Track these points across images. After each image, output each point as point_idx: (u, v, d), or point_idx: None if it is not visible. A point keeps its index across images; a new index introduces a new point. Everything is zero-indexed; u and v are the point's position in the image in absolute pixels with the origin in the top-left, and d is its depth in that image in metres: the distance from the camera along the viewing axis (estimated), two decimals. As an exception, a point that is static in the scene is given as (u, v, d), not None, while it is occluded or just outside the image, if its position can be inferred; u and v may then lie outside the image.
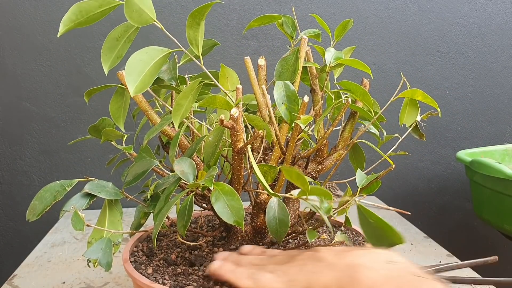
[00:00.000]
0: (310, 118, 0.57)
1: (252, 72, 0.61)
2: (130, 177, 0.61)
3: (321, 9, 1.39)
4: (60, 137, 1.36)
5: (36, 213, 0.57)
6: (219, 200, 0.51)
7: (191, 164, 0.55)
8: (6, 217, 1.37)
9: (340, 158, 0.68)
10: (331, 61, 0.64)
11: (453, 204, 1.55)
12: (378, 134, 0.71)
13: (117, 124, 0.67)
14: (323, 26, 0.70)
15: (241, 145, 0.55)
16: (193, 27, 0.58)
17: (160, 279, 0.59)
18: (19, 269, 0.96)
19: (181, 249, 0.68)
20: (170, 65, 0.65)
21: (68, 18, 0.53)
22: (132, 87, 0.53)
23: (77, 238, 1.13)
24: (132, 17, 0.54)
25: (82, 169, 1.38)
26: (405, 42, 1.45)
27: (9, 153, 1.35)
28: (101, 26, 1.31)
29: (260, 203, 0.62)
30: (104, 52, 0.56)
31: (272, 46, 1.39)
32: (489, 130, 1.55)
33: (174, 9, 1.34)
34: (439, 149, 1.52)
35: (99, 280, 0.89)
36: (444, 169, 1.54)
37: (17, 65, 1.31)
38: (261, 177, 0.54)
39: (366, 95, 0.63)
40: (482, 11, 1.47)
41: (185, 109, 0.57)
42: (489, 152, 1.29)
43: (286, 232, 0.56)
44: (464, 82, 1.50)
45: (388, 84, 1.45)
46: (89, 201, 0.59)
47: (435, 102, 0.64)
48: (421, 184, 1.54)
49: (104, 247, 0.56)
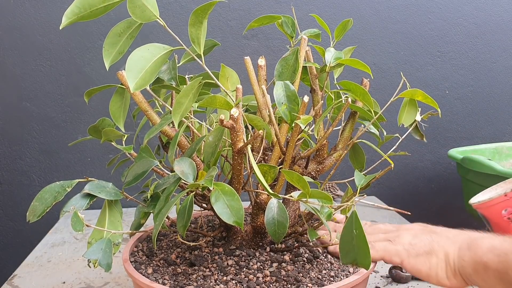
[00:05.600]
0: (310, 118, 0.57)
1: (252, 72, 0.61)
2: (130, 177, 0.61)
3: (321, 9, 1.39)
4: (60, 137, 1.36)
5: (37, 214, 0.57)
6: (219, 200, 0.51)
7: (191, 164, 0.55)
8: (6, 217, 1.37)
9: (340, 158, 0.68)
10: (331, 61, 0.64)
11: (453, 204, 1.55)
12: (378, 134, 0.71)
13: (117, 124, 0.67)
14: (323, 26, 0.70)
15: (241, 145, 0.55)
16: (196, 25, 0.58)
17: (160, 279, 0.59)
18: (19, 269, 0.96)
19: (181, 249, 0.68)
20: (170, 65, 0.65)
21: (71, 11, 0.52)
22: (132, 83, 0.53)
23: (77, 238, 1.13)
24: (135, 13, 0.54)
25: (82, 169, 1.38)
26: (405, 42, 1.45)
27: (9, 153, 1.35)
28: (101, 26, 1.31)
29: (260, 203, 0.62)
30: (105, 48, 0.56)
31: (272, 46, 1.39)
32: (489, 130, 1.55)
33: (174, 9, 1.34)
34: (439, 149, 1.52)
35: (99, 280, 0.89)
36: (444, 169, 1.54)
37: (17, 65, 1.31)
38: (261, 177, 0.54)
39: (366, 95, 0.63)
40: (482, 11, 1.47)
41: (185, 107, 0.57)
42: (479, 150, 1.32)
43: (284, 234, 0.56)
44: (464, 82, 1.50)
45: (388, 84, 1.45)
46: (89, 202, 0.59)
47: (435, 102, 0.64)
48: (421, 184, 1.54)
49: (104, 248, 0.56)
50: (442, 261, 0.58)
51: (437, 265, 0.58)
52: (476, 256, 0.55)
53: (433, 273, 0.58)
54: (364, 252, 0.50)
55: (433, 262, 0.59)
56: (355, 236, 0.51)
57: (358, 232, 0.50)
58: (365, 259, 0.51)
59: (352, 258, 0.52)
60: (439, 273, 0.58)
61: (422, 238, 0.61)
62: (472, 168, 1.13)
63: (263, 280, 0.58)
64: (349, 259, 0.52)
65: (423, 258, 0.59)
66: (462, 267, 0.57)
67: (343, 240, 0.52)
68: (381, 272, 0.89)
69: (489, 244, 0.55)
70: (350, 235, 0.51)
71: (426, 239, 0.61)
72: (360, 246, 0.51)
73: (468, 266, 0.56)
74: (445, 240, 0.60)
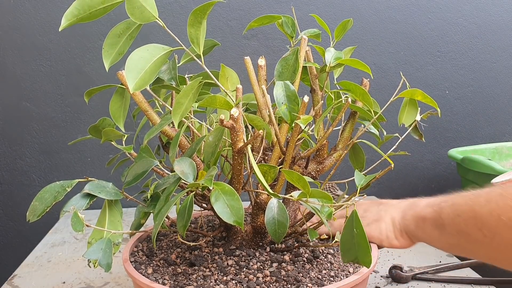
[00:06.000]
0: (310, 118, 0.57)
1: (252, 72, 0.61)
2: (130, 177, 0.61)
3: (321, 9, 1.39)
4: (60, 137, 1.36)
5: (37, 213, 0.57)
6: (219, 200, 0.51)
7: (191, 164, 0.55)
8: (6, 217, 1.37)
9: (340, 158, 0.68)
10: (331, 61, 0.64)
11: (453, 204, 1.55)
12: (378, 134, 0.71)
13: (117, 124, 0.67)
14: (323, 26, 0.70)
15: (241, 145, 0.55)
16: (195, 26, 0.58)
17: (160, 279, 0.59)
18: (19, 269, 0.96)
19: (181, 249, 0.68)
20: (170, 65, 0.65)
21: (70, 13, 0.53)
22: (132, 83, 0.53)
23: (77, 238, 1.13)
24: (134, 14, 0.54)
25: (82, 169, 1.38)
26: (405, 42, 1.45)
27: (9, 153, 1.35)
28: (101, 26, 1.31)
29: (260, 203, 0.62)
30: (105, 48, 0.56)
31: (272, 46, 1.39)
32: (489, 130, 1.55)
33: (174, 9, 1.34)
34: (439, 149, 1.52)
35: (99, 280, 0.89)
36: (444, 169, 1.54)
37: (17, 65, 1.31)
38: (261, 177, 0.54)
39: (366, 95, 0.63)
40: (482, 11, 1.47)
41: (185, 107, 0.57)
42: (479, 150, 1.32)
43: (285, 233, 0.56)
44: (464, 82, 1.50)
45: (388, 84, 1.45)
46: (89, 202, 0.59)
47: (435, 102, 0.64)
48: (421, 184, 1.54)
49: (104, 248, 0.56)
50: (389, 224, 0.66)
51: (386, 229, 0.65)
52: (415, 213, 0.63)
53: (384, 237, 0.65)
54: (365, 250, 0.52)
55: (382, 227, 0.66)
56: (356, 234, 0.51)
57: (359, 231, 0.51)
58: (366, 257, 0.52)
59: (353, 256, 0.53)
60: (389, 235, 0.65)
61: (371, 210, 0.69)
62: (472, 168, 1.13)
63: (263, 280, 0.58)
64: (350, 257, 0.53)
65: (374, 225, 0.67)
66: (406, 225, 0.64)
67: (344, 238, 0.53)
68: (381, 272, 0.89)
69: (425, 202, 0.63)
70: (351, 233, 0.52)
71: (374, 209, 0.69)
72: (360, 245, 0.52)
73: (410, 224, 0.63)
74: (390, 207, 0.68)
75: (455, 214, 0.55)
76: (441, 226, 0.57)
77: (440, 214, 0.58)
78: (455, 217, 0.55)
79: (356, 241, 0.52)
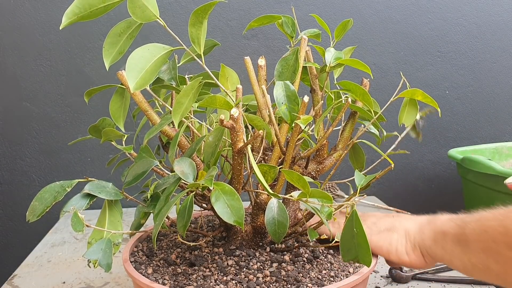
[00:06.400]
0: (310, 118, 0.57)
1: (252, 72, 0.61)
2: (130, 177, 0.61)
3: (321, 9, 1.39)
4: (60, 137, 1.36)
5: (36, 213, 0.57)
6: (219, 200, 0.51)
7: (191, 164, 0.55)
8: (6, 217, 1.37)
9: (340, 158, 0.68)
10: (331, 61, 0.64)
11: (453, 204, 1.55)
12: (378, 134, 0.71)
13: (117, 124, 0.67)
14: (323, 26, 0.70)
15: (241, 145, 0.55)
16: (196, 26, 0.58)
17: (160, 279, 0.59)
18: (19, 269, 0.96)
19: (181, 249, 0.68)
20: (170, 65, 0.65)
21: (71, 11, 0.53)
22: (132, 83, 0.53)
23: (77, 238, 1.13)
24: (135, 12, 0.54)
25: (82, 169, 1.38)
26: (405, 42, 1.45)
27: (9, 153, 1.35)
28: (101, 26, 1.31)
29: (260, 203, 0.62)
30: (106, 47, 0.56)
31: (272, 46, 1.39)
32: (489, 130, 1.55)
33: (174, 9, 1.34)
34: (439, 149, 1.52)
35: (99, 280, 0.89)
36: (444, 169, 1.54)
37: (17, 65, 1.31)
38: (261, 177, 0.54)
39: (366, 95, 0.63)
40: (482, 11, 1.47)
41: (185, 107, 0.57)
42: (479, 150, 1.32)
43: (285, 234, 0.56)
44: (464, 82, 1.50)
45: (388, 84, 1.45)
46: (89, 202, 0.59)
47: (435, 102, 0.64)
48: (421, 184, 1.54)
49: (104, 248, 0.56)
50: (402, 237, 0.60)
51: (397, 241, 0.60)
52: (435, 227, 0.57)
53: (393, 249, 0.60)
54: (365, 249, 0.52)
55: (394, 237, 0.61)
56: (356, 234, 0.51)
57: (359, 231, 0.51)
58: (366, 256, 0.52)
59: (354, 256, 0.53)
60: (399, 248, 0.60)
61: (385, 219, 0.65)
62: (472, 168, 1.13)
63: (263, 280, 0.58)
64: (351, 256, 0.53)
65: (384, 234, 0.61)
66: (422, 240, 0.58)
67: (344, 238, 0.53)
68: (381, 272, 0.89)
69: (447, 217, 0.58)
70: (351, 233, 0.52)
71: (388, 219, 0.64)
72: (361, 244, 0.52)
73: (428, 239, 0.58)
74: (406, 219, 0.63)
75: (482, 230, 0.49)
76: (465, 242, 0.51)
77: (464, 229, 0.52)
78: (482, 233, 0.49)
79: (357, 241, 0.52)
